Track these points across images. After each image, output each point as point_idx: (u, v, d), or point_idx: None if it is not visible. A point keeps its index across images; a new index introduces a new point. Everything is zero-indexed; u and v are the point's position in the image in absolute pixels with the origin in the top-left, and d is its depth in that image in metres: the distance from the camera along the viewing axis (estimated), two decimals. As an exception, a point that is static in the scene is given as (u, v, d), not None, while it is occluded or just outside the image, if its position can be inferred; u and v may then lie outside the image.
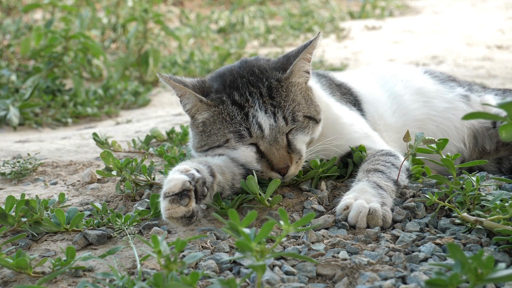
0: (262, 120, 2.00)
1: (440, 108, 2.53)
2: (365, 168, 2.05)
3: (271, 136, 2.00)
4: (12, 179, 2.59)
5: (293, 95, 2.05)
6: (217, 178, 1.95)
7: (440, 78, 2.68)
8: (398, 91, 2.55)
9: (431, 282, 1.22)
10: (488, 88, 2.80)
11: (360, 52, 7.24)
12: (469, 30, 8.55)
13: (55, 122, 4.48)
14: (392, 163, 2.08)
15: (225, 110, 2.02)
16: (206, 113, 2.07)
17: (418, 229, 1.81)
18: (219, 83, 2.10)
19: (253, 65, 2.12)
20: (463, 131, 2.52)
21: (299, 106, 2.05)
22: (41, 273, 1.63)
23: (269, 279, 1.48)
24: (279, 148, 2.01)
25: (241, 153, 2.03)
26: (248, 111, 2.00)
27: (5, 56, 5.76)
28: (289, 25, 9.02)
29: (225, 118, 2.02)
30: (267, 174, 2.03)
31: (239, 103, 2.02)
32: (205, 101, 2.05)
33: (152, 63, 5.74)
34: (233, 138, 2.01)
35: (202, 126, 2.09)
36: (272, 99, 2.03)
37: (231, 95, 2.04)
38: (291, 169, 2.03)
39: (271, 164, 2.01)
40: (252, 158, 2.02)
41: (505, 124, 1.21)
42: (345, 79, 2.62)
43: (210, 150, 2.08)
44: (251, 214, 1.36)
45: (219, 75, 2.15)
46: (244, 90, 2.04)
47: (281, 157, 2.00)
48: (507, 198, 1.82)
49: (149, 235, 1.85)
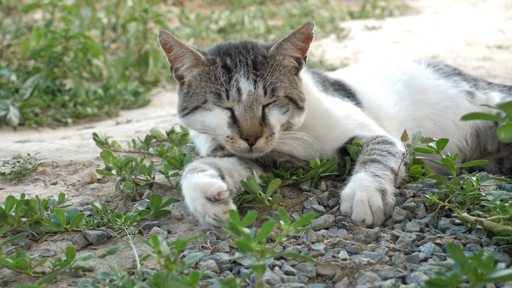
0: (242, 85, 2.06)
1: (441, 106, 2.51)
2: (361, 160, 2.07)
3: (248, 102, 2.05)
4: (12, 179, 2.59)
5: (278, 73, 2.12)
6: (225, 180, 1.95)
7: (444, 72, 2.64)
8: (398, 88, 2.55)
9: (431, 282, 1.22)
10: (494, 84, 2.73)
11: (360, 52, 7.24)
12: (469, 30, 8.55)
13: (55, 122, 4.48)
14: (388, 151, 2.09)
15: (213, 71, 2.11)
16: (196, 70, 2.15)
17: (418, 229, 1.81)
18: (215, 50, 2.23)
19: (249, 43, 2.24)
20: (465, 129, 2.50)
21: (281, 84, 2.11)
22: (41, 273, 1.63)
23: (269, 279, 1.48)
24: (252, 116, 2.04)
25: (215, 116, 2.07)
26: (233, 75, 2.08)
27: (5, 56, 5.76)
28: (289, 25, 9.02)
29: (211, 78, 2.10)
30: (236, 142, 2.05)
31: (228, 67, 2.11)
32: (202, 59, 2.13)
33: (152, 63, 5.74)
34: (211, 99, 2.08)
35: (187, 88, 2.16)
36: (256, 70, 2.10)
37: (223, 60, 2.13)
38: (260, 141, 2.04)
39: (241, 130, 2.04)
40: (224, 122, 2.06)
41: (504, 124, 1.21)
42: (340, 76, 2.64)
43: (189, 114, 2.13)
44: (251, 214, 1.36)
45: (217, 46, 2.28)
46: (235, 57, 2.13)
47: (253, 125, 2.04)
48: (507, 198, 1.82)
49: (149, 235, 1.85)
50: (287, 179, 2.19)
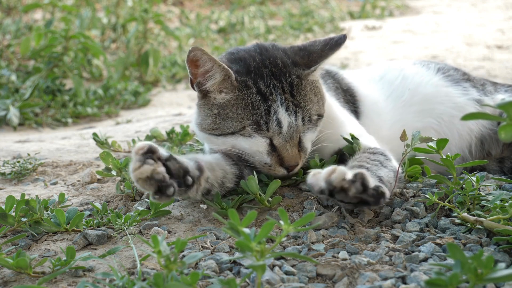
0: (282, 117, 1.99)
1: (446, 118, 2.43)
2: (349, 165, 1.97)
3: (288, 133, 2.00)
4: (12, 179, 2.59)
5: (309, 94, 2.05)
6: (205, 173, 1.91)
7: (454, 78, 2.55)
8: (404, 101, 2.46)
9: (431, 282, 1.22)
10: (499, 84, 2.67)
11: (360, 52, 7.24)
12: (469, 30, 8.55)
13: (55, 122, 4.48)
14: (380, 162, 1.98)
15: (249, 97, 1.99)
16: (227, 95, 2.01)
17: (418, 229, 1.81)
18: (241, 66, 2.05)
19: (276, 56, 2.08)
20: (469, 139, 2.44)
21: (313, 106, 2.05)
22: (41, 273, 1.63)
23: (269, 279, 1.48)
24: (292, 146, 2.01)
25: (255, 142, 2.00)
26: (271, 105, 1.98)
27: (5, 56, 5.76)
28: (289, 25, 9.02)
29: (248, 105, 1.98)
30: (274, 169, 2.02)
31: (263, 93, 1.99)
32: (233, 77, 1.99)
33: (152, 63, 5.74)
34: (250, 127, 1.99)
35: (218, 109, 2.02)
36: (293, 97, 2.01)
37: (257, 83, 2.01)
38: (298, 167, 2.05)
39: (282, 159, 2.01)
40: (264, 149, 2.01)
41: (504, 124, 1.21)
42: (352, 81, 2.54)
43: (221, 136, 2.03)
44: (251, 214, 1.36)
45: (239, 59, 2.09)
46: (269, 81, 2.01)
47: (294, 154, 2.01)
48: (507, 198, 1.82)
49: (149, 235, 1.85)
50: (287, 179, 2.19)
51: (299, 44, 2.21)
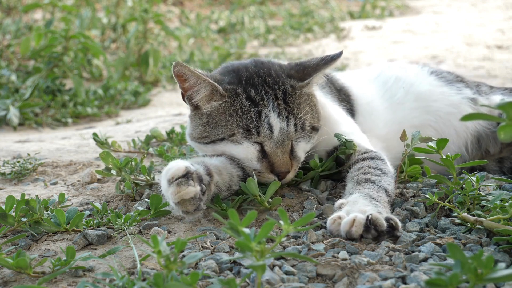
0: (273, 122, 2.00)
1: (442, 114, 2.47)
2: (355, 178, 1.97)
3: (279, 139, 2.00)
4: (12, 179, 2.59)
5: (303, 104, 2.08)
6: (214, 178, 1.94)
7: (447, 79, 2.60)
8: (399, 99, 2.49)
9: (431, 282, 1.22)
10: (496, 88, 2.70)
11: (360, 52, 7.24)
12: (469, 30, 8.55)
13: (55, 122, 4.48)
14: (381, 170, 2.01)
15: (238, 103, 2.02)
16: (216, 102, 2.04)
17: (418, 229, 1.81)
18: (233, 77, 2.10)
19: (270, 68, 2.13)
20: (466, 136, 2.47)
21: (307, 116, 2.07)
22: (41, 273, 1.63)
23: (269, 279, 1.48)
24: (283, 152, 2.01)
25: (245, 149, 2.02)
26: (262, 109, 2.00)
27: (5, 56, 5.76)
28: (289, 25, 9.02)
29: (237, 111, 2.01)
30: (264, 176, 2.03)
31: (253, 99, 2.02)
32: (220, 90, 2.03)
33: (152, 63, 5.74)
34: (240, 133, 2.00)
35: (207, 118, 2.06)
36: (286, 104, 2.04)
37: (247, 90, 2.04)
38: (289, 175, 2.04)
39: (272, 166, 2.01)
40: (254, 156, 2.02)
41: (504, 124, 1.21)
42: (346, 82, 2.56)
43: (211, 144, 2.06)
44: (251, 214, 1.36)
45: (232, 70, 2.14)
46: (260, 88, 2.04)
47: (285, 161, 2.01)
48: (507, 198, 1.82)
49: (149, 235, 1.85)
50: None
51: (296, 61, 2.25)
